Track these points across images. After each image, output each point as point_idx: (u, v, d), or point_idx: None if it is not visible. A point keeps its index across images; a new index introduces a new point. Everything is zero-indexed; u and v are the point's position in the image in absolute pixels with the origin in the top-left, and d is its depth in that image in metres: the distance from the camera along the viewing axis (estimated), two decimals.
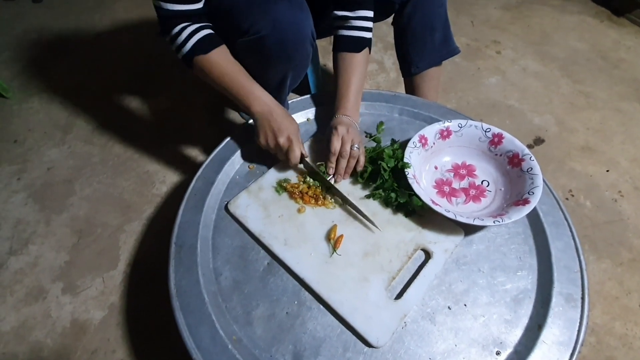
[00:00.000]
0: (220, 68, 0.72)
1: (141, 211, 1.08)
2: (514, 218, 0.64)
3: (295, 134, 0.73)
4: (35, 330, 0.88)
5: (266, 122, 0.73)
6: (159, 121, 1.34)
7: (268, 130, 0.73)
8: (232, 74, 0.73)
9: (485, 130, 0.78)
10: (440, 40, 0.94)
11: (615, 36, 1.71)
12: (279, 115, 0.73)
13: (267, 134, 0.73)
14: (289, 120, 0.74)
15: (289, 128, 0.72)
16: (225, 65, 0.73)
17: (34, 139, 1.29)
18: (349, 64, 0.82)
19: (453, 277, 0.65)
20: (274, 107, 0.74)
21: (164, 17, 0.71)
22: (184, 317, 0.60)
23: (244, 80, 0.73)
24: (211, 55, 0.71)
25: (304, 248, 0.67)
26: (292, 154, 0.72)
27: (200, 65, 0.72)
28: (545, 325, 0.59)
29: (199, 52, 0.71)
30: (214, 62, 0.72)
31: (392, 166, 0.75)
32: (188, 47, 0.71)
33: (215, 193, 0.76)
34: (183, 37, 0.70)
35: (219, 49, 0.73)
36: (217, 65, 0.72)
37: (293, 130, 0.73)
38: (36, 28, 1.76)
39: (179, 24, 0.71)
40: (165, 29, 0.72)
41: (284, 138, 0.72)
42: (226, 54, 0.74)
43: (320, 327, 0.60)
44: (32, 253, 1.01)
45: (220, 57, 0.72)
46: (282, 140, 0.72)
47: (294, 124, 0.75)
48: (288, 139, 0.72)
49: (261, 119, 0.74)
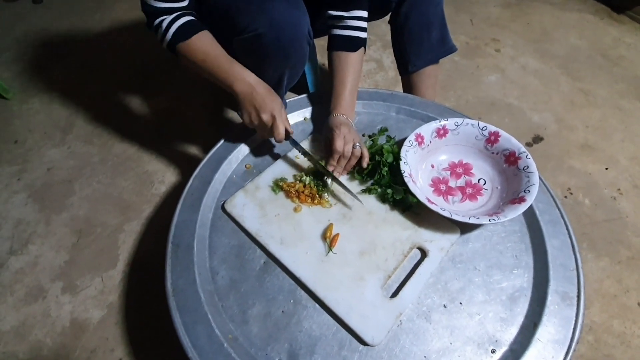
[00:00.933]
0: (202, 52, 0.72)
1: (140, 211, 1.09)
2: (510, 216, 0.64)
3: (278, 111, 0.73)
4: (35, 330, 0.89)
5: (248, 101, 0.73)
6: (158, 121, 1.35)
7: (251, 108, 0.73)
8: (213, 56, 0.72)
9: (481, 129, 0.78)
10: (438, 38, 0.94)
11: (615, 33, 1.70)
12: (261, 92, 0.72)
13: (250, 112, 0.74)
14: (272, 98, 0.73)
15: (272, 105, 0.72)
16: (206, 48, 0.72)
17: (34, 140, 1.30)
18: (344, 63, 0.82)
19: (449, 276, 0.65)
20: (256, 84, 0.73)
21: (149, 13, 0.71)
22: (180, 316, 0.60)
23: (225, 61, 0.73)
24: (192, 40, 0.71)
25: (300, 247, 0.67)
26: (277, 131, 0.73)
27: (183, 52, 0.72)
28: (541, 323, 0.59)
29: (180, 39, 0.71)
30: (195, 47, 0.72)
31: (391, 161, 0.75)
32: (169, 35, 0.71)
33: (212, 192, 0.76)
34: (163, 27, 0.70)
35: (200, 34, 0.72)
36: (198, 49, 0.72)
37: (276, 106, 0.73)
38: (36, 29, 1.77)
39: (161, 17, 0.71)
40: (148, 22, 0.72)
41: (267, 115, 0.72)
42: (207, 38, 0.73)
43: (316, 326, 0.60)
44: (32, 253, 1.01)
45: (201, 42, 0.72)
46: (266, 117, 0.72)
47: (277, 100, 0.74)
48: (271, 116, 0.72)
49: (243, 98, 0.73)
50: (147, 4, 0.70)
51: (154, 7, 0.70)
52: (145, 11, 0.71)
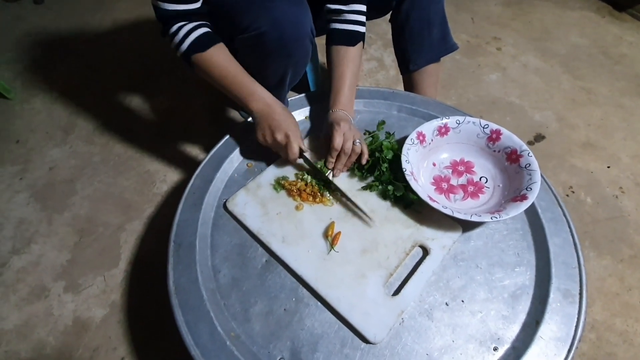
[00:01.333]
0: (219, 66, 0.73)
1: (142, 210, 1.09)
2: (512, 214, 0.64)
3: (293, 130, 0.73)
4: (37, 328, 0.89)
5: (264, 120, 0.73)
6: (160, 121, 1.35)
7: (266, 127, 0.74)
8: (231, 72, 0.73)
9: (483, 127, 0.78)
10: (438, 36, 0.93)
11: (616, 32, 1.69)
12: (277, 112, 0.73)
13: (265, 131, 0.74)
14: (288, 117, 0.74)
15: (287, 125, 0.72)
16: (223, 63, 0.73)
17: (36, 139, 1.30)
18: (343, 57, 0.82)
19: (451, 274, 0.65)
20: (273, 104, 0.74)
21: (162, 17, 0.71)
22: (182, 314, 0.60)
23: (243, 79, 0.74)
24: (209, 53, 0.72)
25: (301, 245, 0.67)
26: (290, 150, 0.72)
27: (198, 64, 0.73)
28: (543, 321, 0.58)
29: (196, 50, 0.71)
30: (212, 61, 0.72)
31: (391, 158, 0.75)
32: (185, 45, 0.71)
33: (213, 191, 0.76)
34: (180, 35, 0.71)
35: (217, 46, 0.73)
36: (215, 63, 0.72)
37: (291, 126, 0.73)
38: (37, 29, 1.77)
39: (177, 23, 0.71)
40: (164, 29, 0.72)
41: (282, 135, 0.72)
42: (224, 52, 0.74)
43: (318, 324, 0.60)
44: (35, 252, 1.02)
45: (218, 55, 0.73)
46: (280, 137, 0.72)
47: (293, 120, 0.75)
48: (285, 136, 0.72)
49: (260, 117, 0.74)
50: (160, 8, 0.70)
51: (167, 11, 0.70)
52: (159, 16, 0.71)
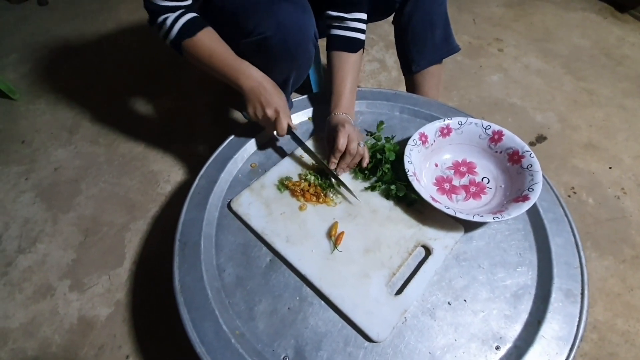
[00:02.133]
0: (208, 49, 0.73)
1: (146, 210, 1.10)
2: (514, 214, 0.64)
3: (282, 107, 0.75)
4: (43, 327, 0.90)
5: (254, 96, 0.75)
6: (164, 121, 1.36)
7: (257, 103, 0.75)
8: (220, 53, 0.74)
9: (485, 128, 0.78)
10: (441, 38, 0.94)
11: (619, 33, 1.70)
12: (267, 89, 0.75)
13: (255, 107, 0.76)
14: (277, 94, 0.76)
15: (277, 101, 0.75)
16: (212, 45, 0.74)
17: (41, 140, 1.32)
18: (345, 63, 0.83)
19: (453, 273, 0.65)
20: (263, 81, 0.75)
21: (151, 10, 0.72)
22: (188, 312, 0.61)
23: (232, 58, 0.75)
24: (197, 37, 0.72)
25: (305, 245, 0.68)
26: (280, 125, 0.75)
27: (188, 49, 0.73)
28: (545, 320, 0.59)
29: (185, 36, 0.72)
30: (200, 44, 0.73)
31: (393, 159, 0.77)
32: (174, 32, 0.72)
33: (218, 191, 0.77)
34: (168, 23, 0.71)
35: (205, 30, 0.73)
36: (204, 46, 0.73)
37: (281, 103, 0.75)
38: (42, 31, 1.79)
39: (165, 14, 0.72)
40: (151, 18, 0.73)
41: (272, 110, 0.74)
42: (212, 35, 0.74)
43: (321, 322, 0.61)
44: (40, 251, 1.03)
45: (206, 38, 0.73)
46: (270, 112, 0.74)
47: (282, 96, 0.77)
48: (275, 111, 0.74)
49: (250, 93, 0.75)
50: (150, 1, 0.71)
51: (157, 5, 0.71)
52: (148, 9, 0.72)
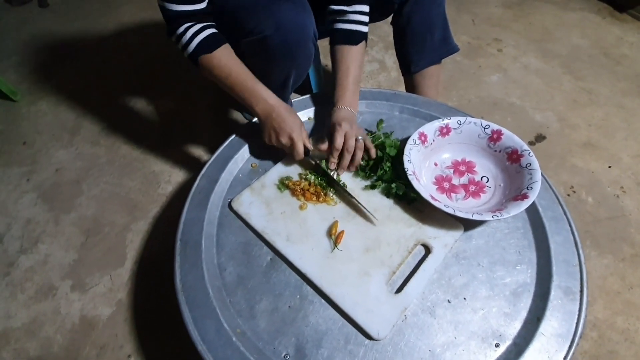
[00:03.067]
0: (225, 67, 0.74)
1: (147, 210, 1.10)
2: (513, 213, 0.65)
3: (297, 131, 0.74)
4: (45, 327, 0.90)
5: (268, 121, 0.75)
6: (165, 122, 1.37)
7: (270, 129, 0.75)
8: (236, 73, 0.75)
9: (484, 127, 0.79)
10: (440, 38, 0.95)
11: (617, 32, 1.70)
12: (281, 113, 0.74)
13: (270, 133, 0.76)
14: (291, 118, 0.75)
15: (290, 126, 0.73)
16: (229, 64, 0.74)
17: (43, 141, 1.32)
18: (347, 55, 0.83)
19: (453, 272, 0.66)
20: (276, 105, 0.75)
21: (168, 17, 0.73)
22: (189, 311, 0.61)
23: (248, 80, 0.75)
24: (215, 54, 0.73)
25: (306, 244, 0.68)
26: (295, 151, 0.74)
27: (205, 65, 0.74)
28: (544, 317, 0.59)
29: (203, 52, 0.73)
30: (218, 62, 0.74)
31: (394, 155, 0.77)
32: (192, 46, 0.73)
33: (219, 191, 0.78)
34: (187, 37, 0.72)
35: (223, 48, 0.74)
36: (221, 64, 0.74)
37: (295, 126, 0.74)
38: (43, 32, 1.80)
39: (184, 23, 0.73)
40: (171, 29, 0.74)
41: (286, 137, 0.74)
42: (230, 53, 0.75)
43: (322, 320, 0.61)
44: (42, 252, 1.03)
45: (224, 57, 0.74)
46: (285, 139, 0.74)
47: (296, 120, 0.76)
48: (289, 138, 0.73)
49: (264, 118, 0.75)
50: (167, 8, 0.71)
51: (174, 11, 0.71)
52: (166, 17, 0.73)
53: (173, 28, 0.73)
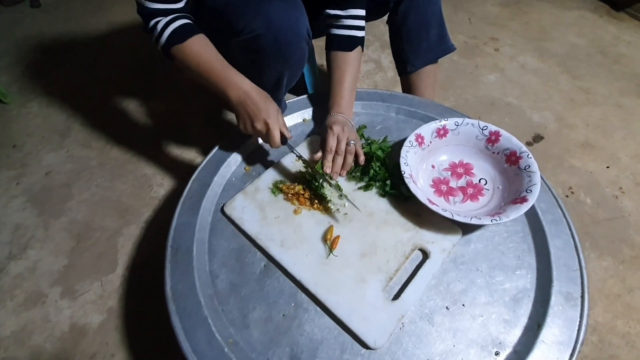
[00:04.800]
0: (196, 56, 0.71)
1: (139, 214, 1.08)
2: (512, 216, 0.63)
3: (273, 117, 0.70)
4: (34, 335, 0.88)
5: (242, 108, 0.71)
6: (157, 124, 1.34)
7: (245, 115, 0.72)
8: (208, 61, 0.71)
9: (482, 128, 0.77)
10: (436, 37, 0.93)
11: (614, 31, 1.69)
12: (254, 98, 0.70)
13: (245, 120, 0.72)
14: (267, 103, 0.71)
15: (266, 111, 0.70)
16: (200, 53, 0.71)
17: (33, 144, 1.30)
18: (342, 62, 0.82)
19: (451, 277, 0.64)
20: (250, 90, 0.71)
21: (144, 14, 0.70)
22: (180, 320, 0.59)
23: (219, 66, 0.71)
24: (187, 43, 0.70)
25: (300, 249, 0.67)
26: (271, 139, 0.71)
27: (177, 56, 0.71)
28: (545, 324, 0.58)
29: (175, 42, 0.70)
30: (189, 51, 0.70)
31: (381, 155, 0.77)
32: (164, 37, 0.70)
33: (211, 195, 0.76)
34: (159, 28, 0.69)
35: (196, 37, 0.71)
36: (193, 53, 0.70)
37: (271, 112, 0.71)
38: (34, 33, 1.76)
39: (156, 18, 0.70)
40: (145, 25, 0.71)
41: (261, 123, 0.70)
42: (203, 42, 0.72)
43: (317, 329, 0.59)
44: (31, 258, 1.01)
45: (196, 45, 0.71)
46: (259, 125, 0.71)
47: (273, 105, 0.72)
48: (264, 123, 0.70)
49: (237, 105, 0.72)
50: (142, 5, 0.69)
51: (149, 9, 0.69)
52: (141, 13, 0.70)
53: (147, 22, 0.71)
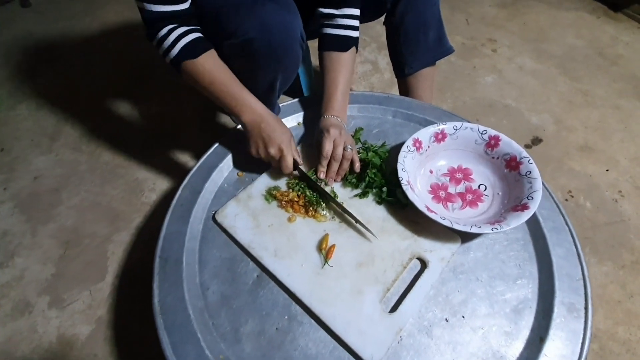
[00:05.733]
0: (210, 74, 0.69)
1: (130, 220, 1.05)
2: (513, 224, 0.61)
3: (286, 143, 0.70)
4: (21, 346, 0.85)
5: (257, 132, 0.71)
6: (149, 127, 1.31)
7: (259, 140, 0.71)
8: (222, 81, 0.70)
9: (481, 133, 0.75)
10: (434, 39, 0.91)
11: (612, 32, 1.68)
12: (270, 124, 0.70)
13: (258, 144, 0.71)
14: (281, 129, 0.71)
15: (280, 137, 0.70)
16: (214, 71, 0.70)
17: (21, 147, 1.26)
18: (335, 63, 0.80)
19: (450, 287, 0.62)
20: (265, 115, 0.71)
21: (148, 19, 0.67)
22: (168, 335, 0.57)
23: (234, 88, 0.71)
24: (199, 60, 0.68)
25: (294, 259, 0.64)
26: (284, 164, 0.70)
27: (188, 71, 0.69)
28: (548, 337, 0.56)
29: (187, 57, 0.68)
30: (202, 68, 0.69)
31: (378, 163, 0.74)
32: (175, 51, 0.68)
33: (202, 202, 0.73)
34: (170, 40, 0.67)
35: (208, 53, 0.70)
36: (206, 71, 0.69)
37: (285, 139, 0.70)
38: (24, 33, 1.73)
39: (165, 26, 0.68)
40: (152, 32, 0.69)
41: (275, 149, 0.69)
42: (215, 59, 0.71)
43: (312, 344, 0.57)
44: (18, 266, 0.98)
45: (209, 63, 0.69)
46: (273, 150, 0.70)
47: (286, 132, 0.72)
48: (279, 149, 0.70)
49: (251, 129, 0.71)
50: (147, 10, 0.66)
51: (155, 12, 0.66)
52: (146, 19, 0.67)
53: (154, 31, 0.68)
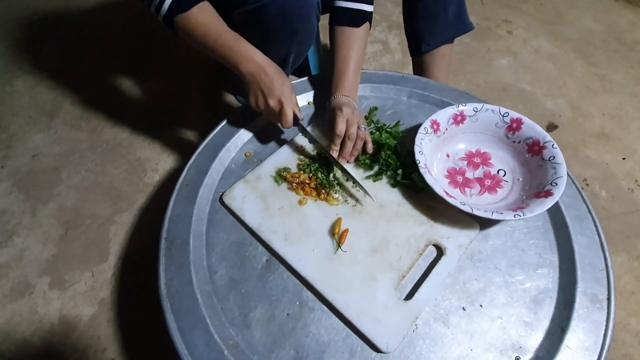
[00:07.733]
0: (204, 25, 0.65)
1: (132, 201, 1.02)
2: (536, 212, 0.58)
3: (287, 95, 0.66)
4: (21, 327, 0.83)
5: (255, 83, 0.66)
6: (151, 105, 1.27)
7: (258, 91, 0.67)
8: (217, 31, 0.65)
9: (502, 115, 0.72)
10: (454, 14, 0.86)
11: (630, 17, 1.62)
12: (269, 74, 0.66)
13: (257, 96, 0.68)
14: (280, 79, 0.67)
15: (280, 88, 0.66)
16: (208, 22, 0.65)
17: (19, 124, 1.22)
18: (347, 39, 0.75)
19: (468, 275, 0.60)
20: (264, 64, 0.66)
21: None
22: (175, 320, 0.55)
23: (230, 37, 0.66)
24: (192, 12, 0.63)
25: (306, 243, 0.62)
26: (284, 118, 0.67)
27: (181, 26, 0.65)
28: (569, 328, 0.54)
29: (178, 11, 0.63)
30: (196, 21, 0.64)
31: (393, 145, 0.72)
32: (166, 6, 0.63)
33: (208, 183, 0.70)
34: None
35: (201, 4, 0.64)
36: (199, 23, 0.64)
37: (285, 90, 0.66)
38: (20, 6, 1.66)
39: None
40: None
41: (275, 100, 0.66)
42: (209, 10, 0.66)
43: (324, 331, 0.55)
44: (18, 246, 0.95)
45: (202, 14, 0.65)
46: (273, 102, 0.66)
47: (287, 82, 0.68)
48: (279, 101, 0.66)
49: (250, 79, 0.67)
50: None
51: None
52: None
53: None
